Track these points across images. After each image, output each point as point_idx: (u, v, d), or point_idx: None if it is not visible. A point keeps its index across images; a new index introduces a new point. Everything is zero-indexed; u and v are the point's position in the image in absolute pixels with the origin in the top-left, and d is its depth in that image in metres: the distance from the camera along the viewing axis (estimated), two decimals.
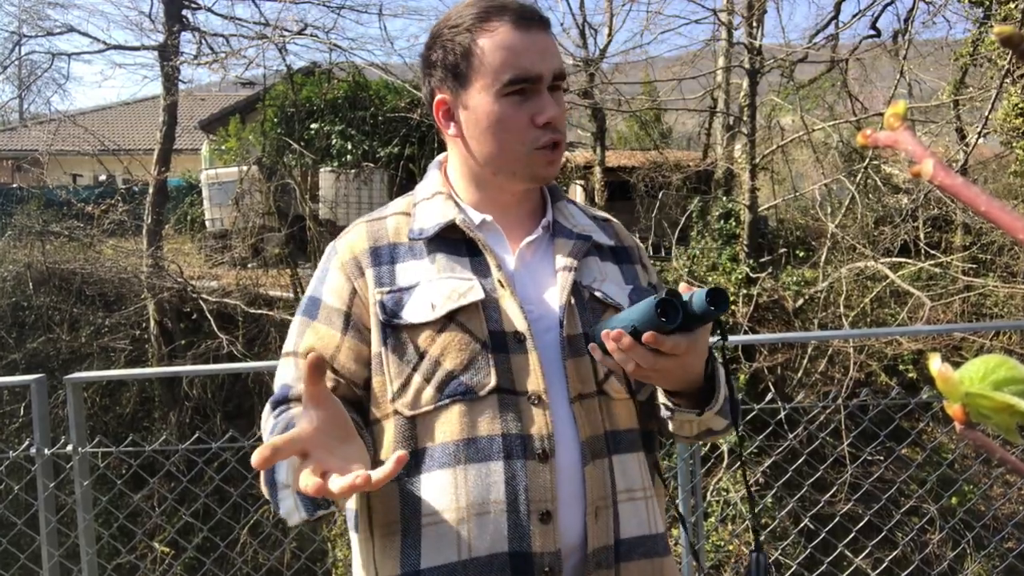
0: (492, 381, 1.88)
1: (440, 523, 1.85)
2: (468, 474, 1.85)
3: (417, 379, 1.91)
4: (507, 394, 1.89)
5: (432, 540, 1.85)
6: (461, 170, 2.13)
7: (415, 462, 1.90)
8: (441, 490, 1.86)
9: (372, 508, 1.97)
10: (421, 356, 1.92)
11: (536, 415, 1.88)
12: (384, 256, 2.03)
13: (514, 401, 1.89)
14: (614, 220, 2.34)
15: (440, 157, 2.25)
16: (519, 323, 1.93)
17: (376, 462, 1.89)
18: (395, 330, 1.94)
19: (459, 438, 1.87)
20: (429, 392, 1.90)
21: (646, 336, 1.70)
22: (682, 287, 1.79)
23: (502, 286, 1.96)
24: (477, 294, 1.93)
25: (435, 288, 1.94)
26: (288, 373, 2.01)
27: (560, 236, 2.10)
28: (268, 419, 1.97)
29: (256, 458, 1.47)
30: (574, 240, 2.09)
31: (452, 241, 2.02)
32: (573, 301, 2.00)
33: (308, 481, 1.47)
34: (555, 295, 2.01)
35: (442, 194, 2.10)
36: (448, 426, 1.88)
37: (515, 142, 1.98)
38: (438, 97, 2.07)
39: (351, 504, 2.05)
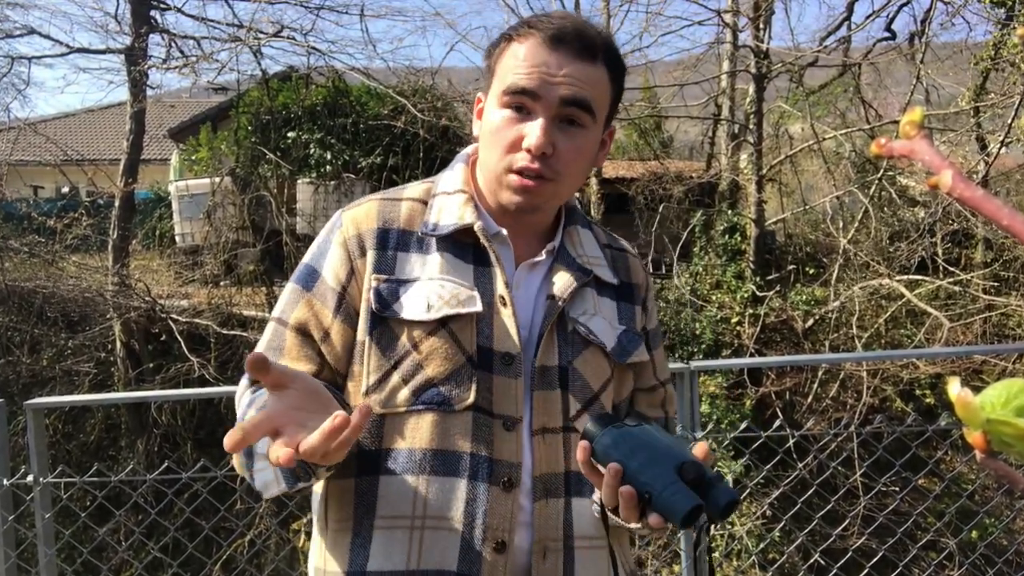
0: (471, 398, 1.92)
1: (393, 528, 1.90)
2: (431, 485, 1.89)
3: (395, 377, 1.95)
4: (483, 414, 1.93)
5: (382, 544, 1.90)
6: (480, 173, 2.16)
7: (376, 461, 1.94)
8: (400, 495, 1.90)
9: (327, 504, 2.02)
10: (404, 355, 1.95)
11: (508, 441, 1.93)
12: (391, 241, 2.06)
13: (488, 423, 1.93)
14: (631, 252, 2.37)
15: (469, 149, 2.28)
16: (512, 344, 1.96)
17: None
18: (384, 322, 1.97)
19: (427, 447, 1.91)
20: (405, 394, 1.93)
21: (653, 520, 1.66)
22: (698, 450, 1.75)
23: (504, 304, 1.99)
24: (475, 306, 1.95)
25: (434, 288, 1.97)
26: (273, 343, 2.04)
27: (560, 263, 2.12)
28: (244, 393, 2.02)
29: (227, 442, 1.48)
30: (573, 271, 2.10)
31: (461, 244, 2.05)
32: (555, 332, 2.04)
33: (279, 453, 1.50)
34: (538, 323, 2.04)
35: (465, 194, 2.12)
36: (418, 433, 1.92)
37: (496, 156, 2.01)
38: (479, 95, 2.15)
39: (317, 504, 2.09)
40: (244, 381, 2.06)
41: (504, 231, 2.08)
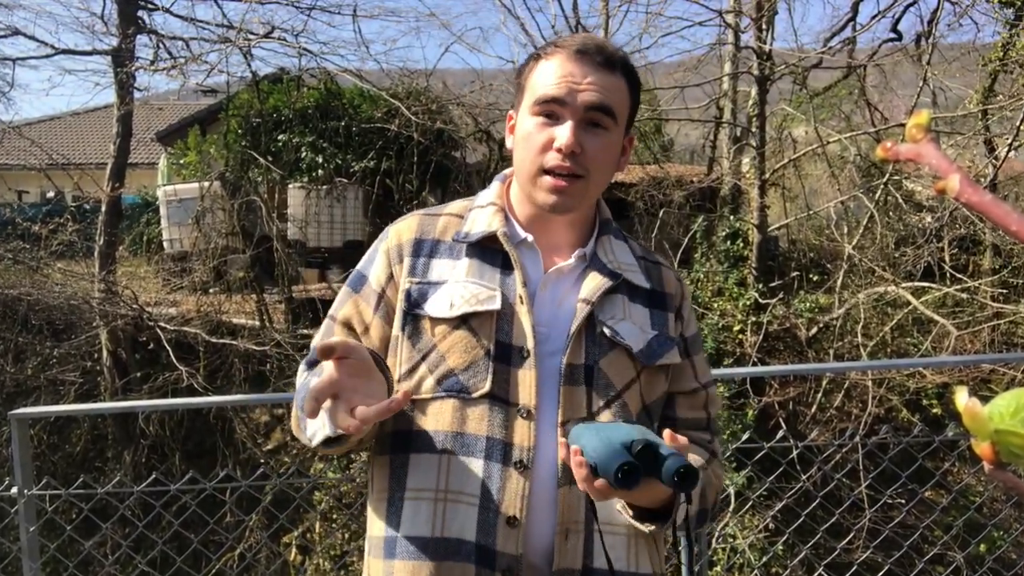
0: (486, 387, 2.20)
1: (419, 499, 2.20)
2: (452, 464, 2.19)
3: (423, 368, 2.26)
4: (499, 402, 2.20)
5: (411, 512, 2.20)
6: (516, 185, 2.46)
7: (408, 441, 2.26)
8: (425, 470, 2.21)
9: (374, 477, 2.35)
10: (431, 348, 2.26)
11: (522, 427, 2.19)
12: (424, 249, 2.40)
13: (504, 410, 2.19)
14: (666, 265, 2.63)
15: (506, 171, 2.61)
16: (527, 340, 2.23)
17: (380, 436, 2.34)
18: (415, 319, 2.30)
19: (448, 429, 2.20)
20: (430, 382, 2.25)
21: (598, 484, 1.90)
22: (665, 436, 1.94)
23: (522, 302, 2.26)
24: (494, 304, 2.25)
25: (459, 289, 2.28)
26: (324, 334, 2.44)
27: (592, 268, 2.38)
28: (302, 374, 2.42)
29: (306, 408, 1.86)
30: (604, 275, 2.37)
31: (491, 251, 2.36)
32: (583, 333, 2.28)
33: (346, 422, 1.88)
34: (568, 323, 2.29)
35: (495, 205, 2.45)
36: (441, 416, 2.22)
37: (529, 160, 2.30)
38: (510, 112, 2.47)
39: (369, 477, 2.44)
40: (303, 365, 2.44)
41: (530, 237, 2.39)
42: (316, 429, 2.11)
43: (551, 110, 2.23)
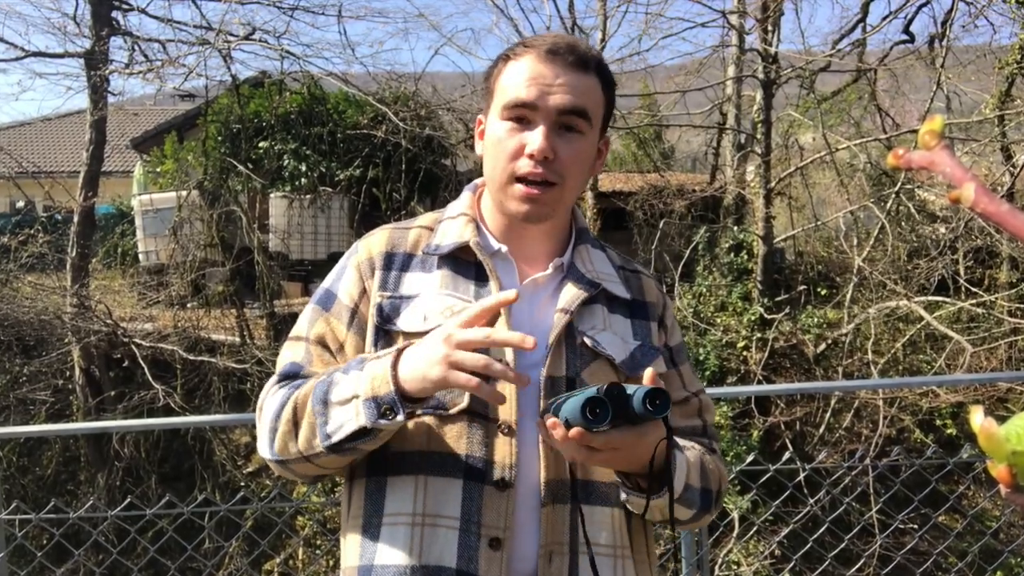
0: (463, 402, 2.15)
1: (397, 525, 2.14)
2: (430, 485, 2.13)
3: None
4: (478, 418, 2.15)
5: (387, 540, 2.14)
6: (488, 195, 2.43)
7: (383, 463, 2.20)
8: (402, 494, 2.16)
9: (349, 502, 2.28)
10: None
11: (503, 444, 2.14)
12: (396, 263, 2.36)
13: (484, 426, 2.15)
14: (646, 273, 2.62)
15: (477, 180, 2.57)
16: (505, 354, 2.17)
17: (352, 463, 2.25)
18: (387, 334, 2.25)
19: (425, 449, 2.16)
20: None
21: (572, 432, 1.87)
22: (647, 377, 1.95)
23: (499, 314, 2.16)
24: None
25: (432, 302, 2.24)
26: (299, 355, 2.33)
27: (570, 278, 2.35)
28: (275, 391, 2.26)
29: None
30: (582, 285, 2.33)
31: (464, 262, 2.32)
32: (563, 344, 2.24)
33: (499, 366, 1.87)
34: (546, 335, 2.22)
35: (466, 216, 2.41)
36: (417, 436, 2.17)
37: (499, 167, 2.25)
38: (479, 117, 2.44)
39: (343, 504, 2.37)
40: (272, 382, 2.31)
41: (504, 248, 2.34)
42: (343, 422, 2.03)
43: (521, 114, 2.21)
